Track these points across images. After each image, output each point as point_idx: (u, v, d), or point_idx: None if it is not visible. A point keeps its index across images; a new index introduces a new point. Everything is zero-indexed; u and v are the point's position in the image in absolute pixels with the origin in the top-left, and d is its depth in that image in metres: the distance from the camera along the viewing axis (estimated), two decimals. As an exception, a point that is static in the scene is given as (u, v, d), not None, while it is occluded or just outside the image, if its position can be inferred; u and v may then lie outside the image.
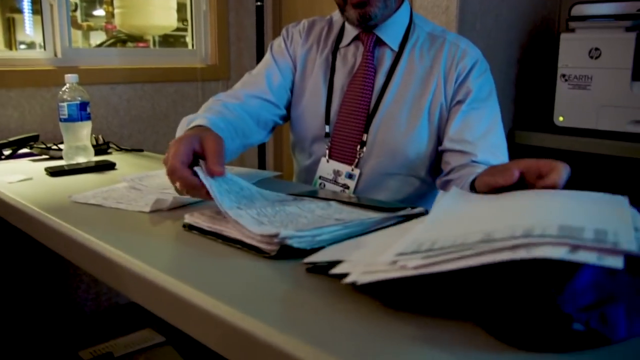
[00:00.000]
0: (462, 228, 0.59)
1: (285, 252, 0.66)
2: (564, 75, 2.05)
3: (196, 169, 0.79)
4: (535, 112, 2.33)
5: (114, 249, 0.74)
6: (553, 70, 2.09)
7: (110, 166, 1.33)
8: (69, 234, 0.85)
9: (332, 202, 0.85)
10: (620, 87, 1.94)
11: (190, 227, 0.80)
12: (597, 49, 1.97)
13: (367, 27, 1.20)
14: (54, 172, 1.25)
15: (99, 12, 2.77)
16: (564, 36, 2.04)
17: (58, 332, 1.99)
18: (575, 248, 0.47)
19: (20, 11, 3.32)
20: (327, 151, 1.23)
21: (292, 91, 1.29)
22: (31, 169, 1.34)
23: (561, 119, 2.08)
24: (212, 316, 0.57)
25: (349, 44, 1.25)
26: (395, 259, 0.55)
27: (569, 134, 2.05)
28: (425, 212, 0.84)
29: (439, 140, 1.19)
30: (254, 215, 0.72)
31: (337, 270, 0.59)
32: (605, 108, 1.98)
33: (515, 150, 2.23)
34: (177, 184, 0.81)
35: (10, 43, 3.52)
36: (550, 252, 0.46)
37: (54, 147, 1.52)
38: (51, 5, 1.99)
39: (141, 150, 1.65)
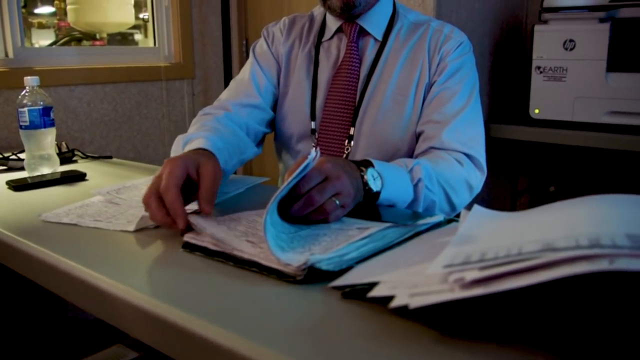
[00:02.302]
0: (509, 238, 0.53)
1: (312, 276, 0.59)
2: (538, 67, 2.03)
3: (191, 217, 0.75)
4: (511, 104, 2.31)
5: (108, 279, 0.64)
6: (526, 62, 2.07)
7: (80, 177, 1.22)
8: (46, 260, 0.75)
9: (344, 217, 0.78)
10: (596, 78, 1.93)
11: (191, 248, 0.71)
12: (571, 40, 1.96)
13: (350, 16, 1.15)
14: (17, 187, 1.13)
15: (43, 9, 2.60)
16: (537, 28, 2.02)
17: (18, 353, 1.85)
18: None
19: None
20: (314, 148, 1.17)
21: (277, 91, 1.23)
22: (-11, 183, 1.22)
23: (537, 111, 2.06)
24: (238, 357, 0.49)
25: (331, 37, 1.21)
26: (444, 271, 0.48)
27: (545, 126, 2.04)
28: (443, 220, 0.78)
29: None
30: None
31: (376, 292, 0.52)
32: (581, 99, 1.98)
33: (491, 144, 2.20)
34: (153, 207, 0.77)
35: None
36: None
37: (13, 156, 1.39)
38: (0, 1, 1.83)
39: (110, 157, 1.53)
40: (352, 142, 1.14)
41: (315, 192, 0.75)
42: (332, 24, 1.20)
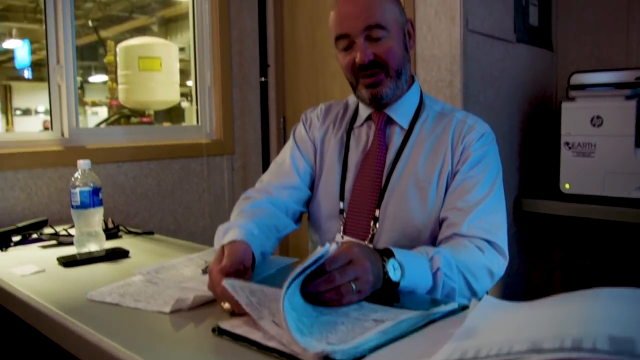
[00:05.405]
0: (504, 334, 0.57)
1: (327, 362, 0.64)
2: (567, 143, 2.07)
3: (225, 282, 0.81)
4: (541, 179, 2.34)
5: (143, 361, 0.71)
6: (556, 137, 2.11)
7: (124, 254, 1.31)
8: (89, 338, 0.82)
9: (364, 302, 0.83)
10: (624, 154, 1.96)
11: (220, 332, 0.77)
12: (598, 117, 2.00)
13: (379, 105, 1.23)
14: (66, 263, 1.23)
15: (96, 77, 2.82)
16: (565, 105, 2.07)
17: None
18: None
19: (17, 78, 3.37)
20: (342, 227, 1.23)
21: (314, 172, 1.33)
22: (42, 258, 1.32)
23: (567, 186, 2.09)
24: None
25: (362, 124, 1.29)
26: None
27: (576, 201, 2.06)
28: (458, 307, 0.82)
29: None
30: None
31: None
32: (610, 175, 2.00)
33: (523, 218, 2.23)
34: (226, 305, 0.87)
35: (6, 109, 3.57)
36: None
37: (64, 232, 1.50)
38: (59, 86, 2.01)
39: (152, 233, 1.63)
40: (377, 224, 1.20)
41: (337, 271, 0.81)
42: (363, 112, 1.29)
